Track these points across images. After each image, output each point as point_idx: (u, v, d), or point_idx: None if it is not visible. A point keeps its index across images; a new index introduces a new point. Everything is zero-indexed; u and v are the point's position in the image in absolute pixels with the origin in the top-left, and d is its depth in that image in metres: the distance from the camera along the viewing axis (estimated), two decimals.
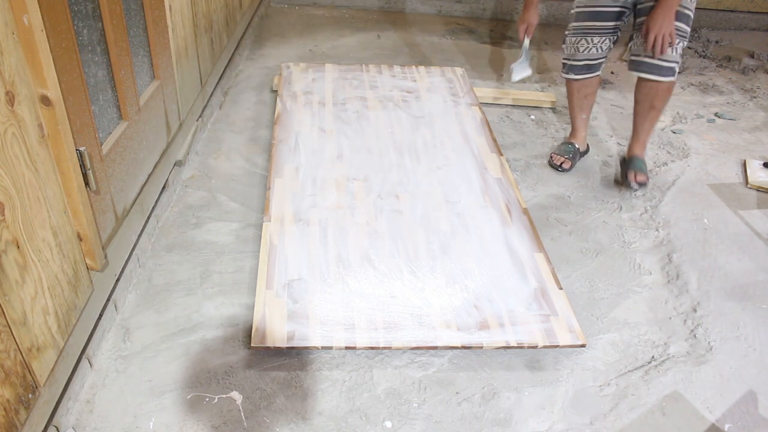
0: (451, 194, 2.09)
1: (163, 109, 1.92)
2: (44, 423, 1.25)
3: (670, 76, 2.15)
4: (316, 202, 1.99)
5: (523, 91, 3.00)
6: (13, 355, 1.10)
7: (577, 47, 2.30)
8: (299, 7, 3.95)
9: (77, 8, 1.33)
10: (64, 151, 1.22)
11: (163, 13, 1.86)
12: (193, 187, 2.15)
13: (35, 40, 1.08)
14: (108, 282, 1.55)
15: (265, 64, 3.10)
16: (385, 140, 2.37)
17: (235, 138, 2.45)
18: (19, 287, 1.11)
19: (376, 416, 1.44)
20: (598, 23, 2.23)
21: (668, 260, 2.01)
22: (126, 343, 1.56)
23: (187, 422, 1.39)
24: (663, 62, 2.13)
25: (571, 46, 2.32)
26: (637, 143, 2.38)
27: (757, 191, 2.41)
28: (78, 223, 1.33)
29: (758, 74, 3.42)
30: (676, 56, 2.13)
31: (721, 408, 1.54)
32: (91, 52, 1.42)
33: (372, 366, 1.56)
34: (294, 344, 1.52)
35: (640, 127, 2.35)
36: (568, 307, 1.70)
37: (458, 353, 1.61)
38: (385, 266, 1.76)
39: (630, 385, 1.58)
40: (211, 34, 2.47)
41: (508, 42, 3.64)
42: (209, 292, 1.73)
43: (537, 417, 1.48)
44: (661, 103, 2.25)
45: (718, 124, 2.89)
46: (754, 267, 2.01)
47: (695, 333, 1.75)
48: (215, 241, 1.91)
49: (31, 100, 1.11)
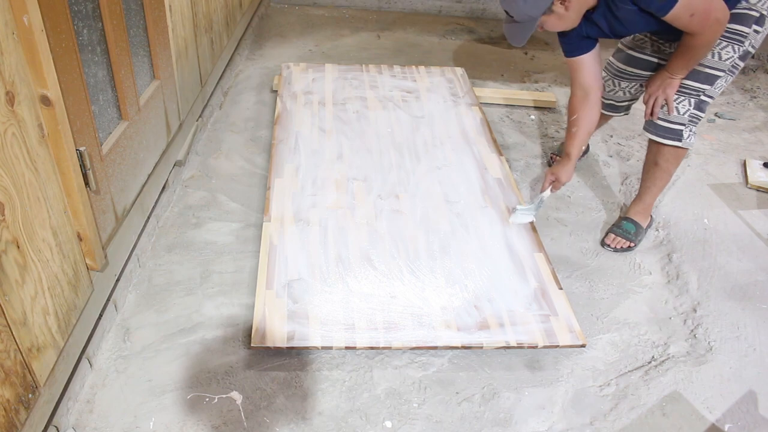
0: (451, 194, 2.09)
1: (163, 109, 1.92)
2: (44, 423, 1.25)
3: (671, 139, 1.87)
4: (316, 202, 1.99)
5: (523, 91, 3.00)
6: (13, 355, 1.10)
7: (605, 86, 2.09)
8: (299, 7, 3.95)
9: (77, 8, 1.33)
10: (64, 151, 1.22)
11: (163, 13, 1.86)
12: (193, 187, 2.15)
13: (35, 40, 1.08)
14: (108, 282, 1.55)
15: (265, 64, 3.10)
16: (385, 140, 2.37)
17: (235, 138, 2.45)
18: (19, 287, 1.11)
19: (376, 416, 1.44)
20: (632, 69, 2.03)
21: (668, 260, 2.01)
22: (126, 343, 1.56)
23: (187, 422, 1.39)
24: (663, 122, 1.87)
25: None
26: (636, 203, 2.10)
27: (757, 191, 2.41)
28: (78, 223, 1.33)
29: (758, 74, 3.42)
30: (681, 117, 1.84)
31: (721, 408, 1.54)
32: (91, 52, 1.42)
33: (372, 366, 1.56)
34: (294, 344, 1.52)
35: (642, 185, 2.08)
36: (568, 307, 1.70)
37: (458, 353, 1.61)
38: (385, 266, 1.76)
39: (630, 385, 1.58)
40: (211, 34, 2.47)
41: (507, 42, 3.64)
42: (209, 292, 1.73)
43: (537, 417, 1.48)
44: (666, 164, 1.96)
45: (718, 124, 2.90)
46: (754, 267, 2.01)
47: (695, 333, 1.75)
48: (215, 241, 1.91)
49: (31, 100, 1.11)
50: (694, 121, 1.85)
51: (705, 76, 1.79)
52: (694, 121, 1.85)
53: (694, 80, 1.80)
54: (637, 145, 2.65)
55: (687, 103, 1.83)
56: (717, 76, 1.79)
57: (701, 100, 1.82)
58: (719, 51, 1.75)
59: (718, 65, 1.77)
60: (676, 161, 1.95)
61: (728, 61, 1.76)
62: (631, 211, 2.10)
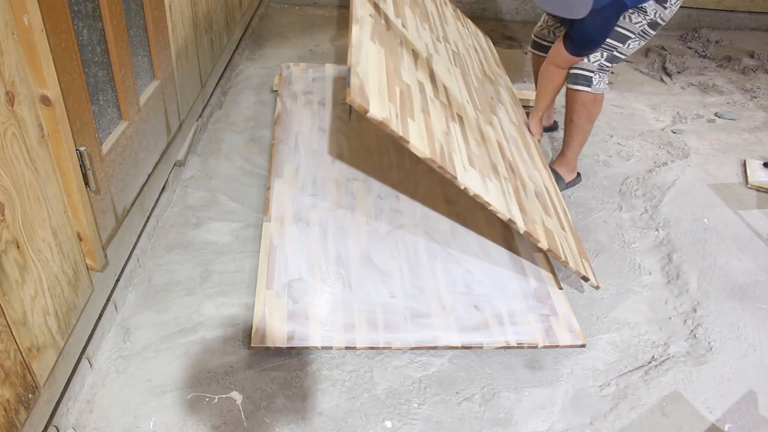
0: (450, 194, 2.09)
1: (163, 109, 1.92)
2: (44, 423, 1.25)
3: (582, 84, 2.05)
4: (316, 202, 1.99)
5: (523, 91, 3.00)
6: (13, 355, 1.10)
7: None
8: (299, 7, 3.95)
9: (77, 8, 1.33)
10: (64, 151, 1.22)
11: (163, 12, 1.86)
12: (193, 187, 2.15)
13: (35, 40, 1.08)
14: (108, 282, 1.55)
15: (265, 64, 3.10)
16: (385, 140, 2.37)
17: (235, 138, 2.45)
18: (19, 287, 1.11)
19: (376, 416, 1.44)
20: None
21: (668, 260, 2.01)
22: (126, 343, 1.56)
23: (187, 422, 1.39)
24: (575, 70, 2.06)
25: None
26: (559, 157, 2.31)
27: (757, 191, 2.41)
28: (78, 223, 1.33)
29: (758, 74, 3.42)
30: (591, 65, 2.03)
31: (721, 408, 1.54)
32: (91, 52, 1.42)
33: (372, 366, 1.56)
34: (294, 344, 1.52)
35: (563, 141, 2.27)
36: (568, 307, 1.70)
37: (458, 353, 1.61)
38: (385, 266, 1.76)
39: (630, 385, 1.58)
40: (211, 34, 2.47)
41: (507, 42, 3.64)
42: (209, 292, 1.73)
43: (537, 417, 1.48)
44: (578, 119, 2.14)
45: (718, 124, 2.90)
46: (754, 267, 2.01)
47: (695, 333, 1.75)
48: (215, 241, 1.91)
49: (31, 100, 1.11)
50: (603, 69, 2.06)
51: (618, 35, 1.99)
52: (603, 70, 2.06)
53: (610, 38, 2.00)
54: (637, 146, 2.65)
55: (599, 55, 2.03)
56: (628, 36, 1.99)
57: (613, 55, 2.03)
58: (630, 15, 1.95)
59: (630, 27, 1.97)
60: (587, 117, 2.14)
61: (638, 25, 1.97)
62: (555, 164, 2.33)
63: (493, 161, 1.72)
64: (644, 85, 3.22)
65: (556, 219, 1.79)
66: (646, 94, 3.12)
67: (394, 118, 1.40)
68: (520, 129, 2.21)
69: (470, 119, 1.82)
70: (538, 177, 1.97)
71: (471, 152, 1.63)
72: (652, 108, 2.98)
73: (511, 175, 1.75)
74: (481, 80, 2.27)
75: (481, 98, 2.10)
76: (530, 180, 1.88)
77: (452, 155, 1.52)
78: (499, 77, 2.53)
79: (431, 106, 1.64)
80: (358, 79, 1.42)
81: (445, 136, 1.57)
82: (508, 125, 2.12)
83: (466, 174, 1.51)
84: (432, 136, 1.50)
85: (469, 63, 2.33)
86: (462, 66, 2.19)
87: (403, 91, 1.57)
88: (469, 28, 2.76)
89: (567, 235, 1.76)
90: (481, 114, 1.96)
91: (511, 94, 2.48)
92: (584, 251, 1.79)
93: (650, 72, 3.35)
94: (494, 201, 1.52)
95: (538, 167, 2.05)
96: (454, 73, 2.05)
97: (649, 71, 3.36)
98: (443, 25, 2.39)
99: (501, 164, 1.76)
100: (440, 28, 2.33)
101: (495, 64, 2.66)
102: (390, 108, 1.42)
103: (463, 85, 2.04)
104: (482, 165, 1.63)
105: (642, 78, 3.30)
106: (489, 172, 1.61)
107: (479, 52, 2.62)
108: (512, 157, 1.90)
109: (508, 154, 1.90)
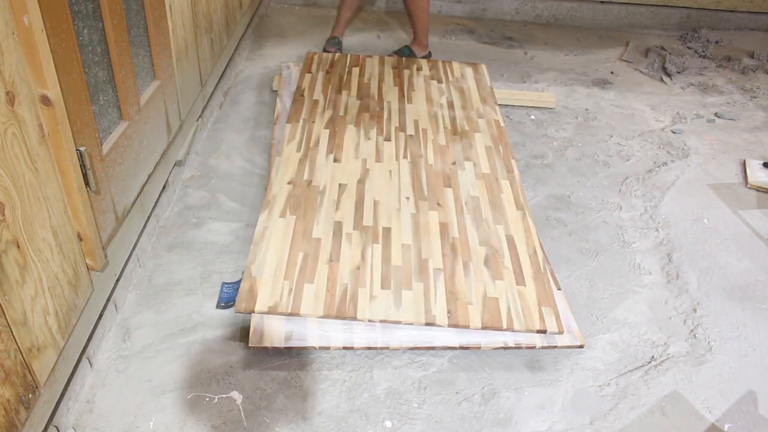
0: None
1: (164, 109, 1.92)
2: (44, 423, 1.25)
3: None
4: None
5: (523, 91, 3.00)
6: (13, 355, 1.10)
7: None
8: (299, 7, 3.95)
9: (77, 8, 1.33)
10: (64, 151, 1.22)
11: (164, 13, 1.86)
12: (193, 187, 2.15)
13: (35, 40, 1.08)
14: (108, 282, 1.56)
15: (265, 64, 3.10)
16: None
17: (235, 138, 2.45)
18: (19, 287, 1.11)
19: (376, 416, 1.44)
20: None
21: (668, 260, 2.01)
22: (126, 343, 1.56)
23: (187, 422, 1.39)
24: None
25: None
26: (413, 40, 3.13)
27: (757, 191, 2.42)
28: (78, 223, 1.33)
29: (758, 74, 3.42)
30: None
31: (721, 408, 1.54)
32: (91, 52, 1.42)
33: (372, 366, 1.56)
34: (292, 344, 1.52)
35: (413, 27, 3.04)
36: (567, 307, 1.70)
37: (458, 353, 1.61)
38: (385, 266, 1.76)
39: (630, 385, 1.58)
40: (211, 34, 2.47)
41: (507, 42, 3.64)
42: (209, 292, 1.73)
43: (537, 417, 1.48)
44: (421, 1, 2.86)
45: (718, 124, 2.90)
46: (754, 267, 2.01)
47: (695, 333, 1.75)
48: (215, 241, 1.91)
49: (31, 100, 1.11)
50: None
51: None
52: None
53: None
54: (637, 146, 2.65)
55: None
56: None
57: None
58: None
59: None
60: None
61: None
62: (412, 44, 3.15)
63: (423, 259, 1.73)
64: (644, 85, 3.22)
65: (511, 275, 1.71)
66: (645, 94, 3.12)
67: (286, 295, 1.57)
68: (492, 176, 2.11)
69: (402, 224, 1.85)
70: (501, 230, 1.87)
71: (390, 268, 1.69)
72: (651, 108, 2.98)
73: (449, 261, 1.73)
74: (444, 146, 2.23)
75: (432, 180, 2.05)
76: (484, 244, 1.80)
77: (357, 292, 1.61)
78: (480, 117, 2.43)
79: (344, 246, 1.76)
80: (249, 281, 1.61)
81: (354, 273, 1.67)
82: (471, 184, 2.05)
83: (373, 303, 1.59)
84: (334, 287, 1.62)
85: (433, 134, 2.31)
86: (414, 152, 2.18)
87: (307, 253, 1.72)
88: (450, 75, 2.80)
89: (525, 288, 1.67)
90: (426, 201, 1.95)
91: (493, 131, 2.38)
92: (549, 294, 1.66)
93: (650, 72, 3.35)
94: (406, 315, 1.57)
95: (504, 214, 1.94)
96: (399, 171, 2.08)
97: (649, 71, 3.36)
98: (404, 105, 2.50)
99: (437, 254, 1.75)
100: (398, 113, 2.43)
101: (480, 100, 2.60)
102: (283, 286, 1.60)
103: (408, 179, 2.05)
104: (402, 276, 1.67)
105: (642, 78, 3.30)
106: (410, 280, 1.66)
107: (461, 96, 2.61)
108: (460, 232, 1.84)
109: (455, 232, 1.84)
